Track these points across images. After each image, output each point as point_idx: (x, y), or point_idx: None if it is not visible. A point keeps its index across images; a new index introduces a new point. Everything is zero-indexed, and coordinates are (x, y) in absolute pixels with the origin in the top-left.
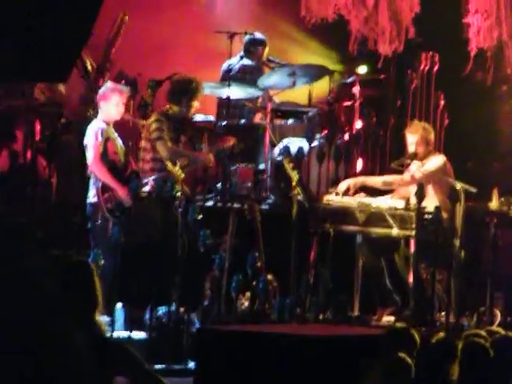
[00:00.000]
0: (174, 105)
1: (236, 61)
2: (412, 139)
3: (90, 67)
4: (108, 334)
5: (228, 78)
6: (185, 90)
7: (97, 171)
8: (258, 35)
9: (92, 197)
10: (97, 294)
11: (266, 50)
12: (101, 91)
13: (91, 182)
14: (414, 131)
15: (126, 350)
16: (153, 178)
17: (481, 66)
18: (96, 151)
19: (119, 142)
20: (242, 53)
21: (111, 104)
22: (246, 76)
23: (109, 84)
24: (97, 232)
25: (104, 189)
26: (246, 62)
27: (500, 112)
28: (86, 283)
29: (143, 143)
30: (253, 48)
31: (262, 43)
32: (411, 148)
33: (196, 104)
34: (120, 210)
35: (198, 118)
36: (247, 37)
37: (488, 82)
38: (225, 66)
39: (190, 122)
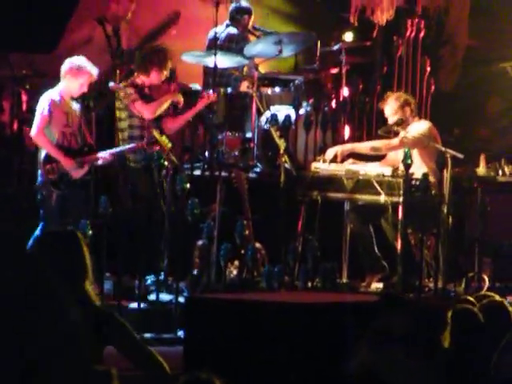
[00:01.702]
0: (142, 74)
1: (222, 29)
2: (388, 111)
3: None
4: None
5: (214, 46)
6: (153, 59)
7: (39, 141)
8: (244, 3)
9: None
10: (85, 262)
11: (252, 18)
12: (72, 65)
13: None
14: (386, 103)
15: (117, 320)
16: (118, 149)
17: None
18: (41, 122)
19: (75, 114)
20: (227, 21)
21: (77, 82)
22: (232, 44)
23: (81, 61)
24: (42, 203)
25: (47, 160)
26: (232, 30)
27: (440, 72)
28: (73, 252)
29: (117, 113)
30: (238, 16)
31: (247, 11)
32: (391, 120)
33: (165, 73)
34: (65, 182)
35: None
36: (232, 5)
37: (428, 41)
38: (211, 34)
39: (158, 89)
